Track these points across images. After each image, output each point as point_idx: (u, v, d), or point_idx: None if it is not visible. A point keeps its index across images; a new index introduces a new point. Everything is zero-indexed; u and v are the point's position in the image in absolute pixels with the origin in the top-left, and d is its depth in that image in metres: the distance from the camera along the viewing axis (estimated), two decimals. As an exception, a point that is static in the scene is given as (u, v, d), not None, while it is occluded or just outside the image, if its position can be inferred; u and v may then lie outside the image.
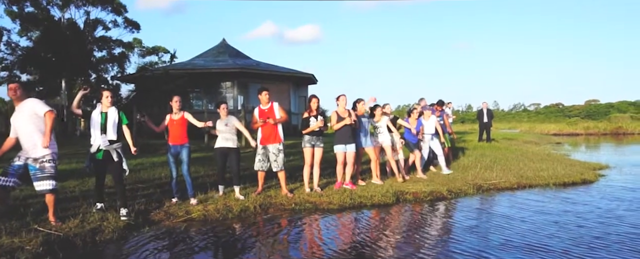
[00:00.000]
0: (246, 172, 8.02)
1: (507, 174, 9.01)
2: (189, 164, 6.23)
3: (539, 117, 57.26)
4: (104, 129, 5.29)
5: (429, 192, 7.28)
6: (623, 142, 24.86)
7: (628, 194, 7.28)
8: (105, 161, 5.31)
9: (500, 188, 8.01)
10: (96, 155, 5.27)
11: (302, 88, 24.78)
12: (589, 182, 8.74)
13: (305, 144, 7.05)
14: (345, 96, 7.33)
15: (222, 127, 6.53)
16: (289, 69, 22.46)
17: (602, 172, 10.11)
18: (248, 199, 6.31)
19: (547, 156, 13.22)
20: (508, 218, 5.79)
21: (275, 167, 6.70)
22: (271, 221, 5.75)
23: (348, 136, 7.31)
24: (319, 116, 7.04)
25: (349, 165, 7.36)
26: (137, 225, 5.16)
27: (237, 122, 6.69)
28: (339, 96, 7.34)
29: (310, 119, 7.02)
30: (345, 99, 7.34)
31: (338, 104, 7.36)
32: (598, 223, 5.36)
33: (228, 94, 20.86)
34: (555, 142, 23.43)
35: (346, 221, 5.80)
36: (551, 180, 8.56)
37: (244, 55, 24.31)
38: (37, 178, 4.63)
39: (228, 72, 20.10)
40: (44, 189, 4.66)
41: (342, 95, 7.33)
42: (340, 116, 7.30)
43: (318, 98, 7.11)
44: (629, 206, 6.31)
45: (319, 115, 7.04)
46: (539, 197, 7.21)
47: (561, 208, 6.33)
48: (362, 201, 6.68)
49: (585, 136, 33.05)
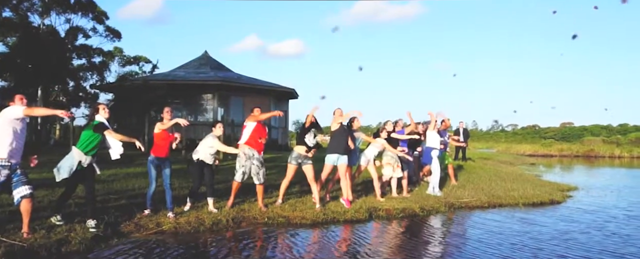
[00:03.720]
0: (220, 186, 8.00)
1: (479, 193, 9.20)
2: (171, 177, 6.25)
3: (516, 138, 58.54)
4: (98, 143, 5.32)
5: (402, 209, 7.38)
6: (594, 164, 25.59)
7: (585, 217, 7.49)
8: (84, 172, 5.26)
9: (472, 207, 8.17)
10: (79, 166, 5.21)
11: (283, 102, 24.86)
12: (556, 203, 8.98)
13: (291, 161, 7.11)
14: (341, 109, 7.40)
15: (213, 143, 6.48)
16: (270, 83, 22.55)
17: (571, 193, 10.40)
18: (221, 213, 6.30)
19: (520, 176, 13.54)
20: (465, 238, 5.94)
21: (258, 180, 6.72)
22: (243, 235, 5.75)
23: (343, 147, 7.30)
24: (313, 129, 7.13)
25: (343, 179, 7.37)
26: (105, 237, 5.09)
27: (220, 145, 6.60)
28: (335, 110, 7.42)
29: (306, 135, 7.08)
30: (341, 112, 7.40)
31: (334, 117, 7.43)
32: (551, 245, 5.49)
33: (208, 106, 20.79)
34: (529, 162, 23.96)
35: (316, 237, 5.84)
36: (521, 200, 8.77)
37: (226, 68, 24.34)
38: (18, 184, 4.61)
39: (209, 84, 20.07)
40: (26, 194, 4.61)
41: (338, 109, 7.41)
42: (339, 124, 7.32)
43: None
44: (584, 229, 6.49)
45: (313, 128, 7.12)
46: (500, 217, 7.36)
47: (519, 228, 6.47)
48: (335, 217, 6.73)
49: (559, 157, 33.91)
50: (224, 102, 20.95)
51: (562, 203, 9.04)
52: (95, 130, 5.25)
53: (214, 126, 6.66)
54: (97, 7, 22.35)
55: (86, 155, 5.22)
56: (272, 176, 9.82)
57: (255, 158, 6.70)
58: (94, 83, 22.94)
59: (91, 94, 23.02)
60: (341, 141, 7.27)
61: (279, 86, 22.57)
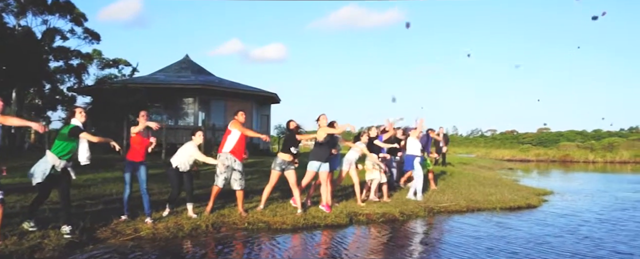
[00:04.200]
0: (200, 191, 7.93)
1: (458, 197, 9.33)
2: (147, 181, 6.15)
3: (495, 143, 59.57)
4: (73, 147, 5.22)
5: (382, 214, 7.44)
6: (569, 169, 26.21)
7: (559, 221, 7.66)
8: (59, 176, 5.16)
9: (451, 211, 8.28)
10: (53, 170, 5.10)
11: (265, 107, 24.81)
12: (532, 207, 9.17)
13: (275, 167, 7.10)
14: (325, 115, 7.42)
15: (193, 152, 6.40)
16: (252, 87, 22.48)
17: (546, 197, 10.63)
18: (200, 218, 6.24)
19: (498, 181, 13.79)
20: (442, 242, 6.01)
21: (238, 186, 6.69)
22: (223, 240, 5.71)
23: (326, 156, 7.34)
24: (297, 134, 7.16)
25: (324, 185, 7.38)
26: (80, 243, 4.99)
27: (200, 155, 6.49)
28: (319, 116, 7.42)
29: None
30: (326, 118, 7.41)
31: (320, 124, 7.43)
32: (526, 249, 5.59)
33: (189, 110, 20.60)
34: (507, 167, 24.40)
35: (296, 242, 5.85)
36: (498, 204, 8.93)
37: (207, 71, 24.17)
38: None
39: (190, 88, 19.90)
40: None
41: (323, 115, 7.42)
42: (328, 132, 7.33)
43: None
44: (557, 233, 6.64)
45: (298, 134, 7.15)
46: (478, 221, 7.48)
47: (495, 233, 6.58)
48: (316, 222, 6.74)
49: (536, 162, 34.62)
50: (205, 106, 20.79)
51: (538, 207, 9.24)
52: (69, 134, 5.15)
53: (193, 134, 6.55)
54: (76, 9, 21.96)
55: (61, 159, 5.12)
56: (253, 181, 9.79)
57: (236, 164, 6.67)
58: (72, 86, 22.52)
59: (68, 97, 22.59)
60: (326, 150, 7.33)
61: (261, 90, 22.51)
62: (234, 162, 6.65)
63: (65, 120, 5.42)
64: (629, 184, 15.61)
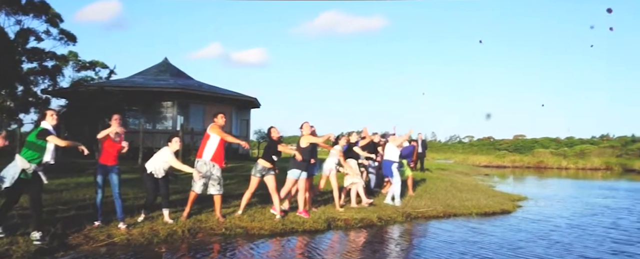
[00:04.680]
0: (177, 196, 7.83)
1: (435, 203, 9.45)
2: (119, 186, 6.03)
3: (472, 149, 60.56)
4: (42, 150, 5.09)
5: (360, 219, 7.48)
6: (543, 175, 26.85)
7: (532, 226, 7.85)
8: (29, 181, 5.02)
9: (428, 217, 8.39)
10: (23, 174, 4.97)
11: (245, 111, 24.67)
12: (507, 212, 9.36)
13: (255, 173, 7.08)
14: (308, 123, 7.45)
15: (169, 159, 6.32)
16: (232, 91, 22.34)
17: (520, 203, 10.87)
18: (177, 223, 6.16)
19: (475, 186, 14.02)
20: (418, 248, 6.10)
21: (216, 191, 6.63)
22: (199, 246, 5.65)
23: (307, 164, 7.35)
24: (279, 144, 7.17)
25: (302, 192, 7.39)
26: (51, 250, 4.87)
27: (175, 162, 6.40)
28: (302, 124, 7.45)
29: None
30: (309, 126, 7.44)
31: (303, 131, 7.44)
32: (499, 254, 5.71)
33: (168, 114, 20.33)
34: (484, 173, 24.83)
35: (273, 247, 5.83)
36: (474, 210, 9.09)
37: (186, 75, 23.92)
38: None
39: (168, 91, 19.65)
40: None
41: (306, 123, 7.45)
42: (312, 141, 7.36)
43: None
44: (530, 238, 6.80)
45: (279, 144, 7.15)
46: (453, 227, 7.60)
47: (470, 238, 6.69)
48: (294, 227, 6.74)
49: (511, 168, 35.36)
50: (184, 110, 20.56)
51: (512, 212, 9.44)
52: (38, 137, 5.03)
53: (170, 140, 6.47)
54: (51, 9, 21.49)
55: (30, 163, 4.99)
56: (231, 186, 9.71)
57: (215, 169, 6.62)
58: (46, 88, 21.96)
59: (42, 100, 22.01)
60: (307, 158, 7.34)
61: (241, 94, 22.41)
62: (213, 168, 6.61)
63: (36, 123, 5.30)
64: (598, 190, 16.09)
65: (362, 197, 8.57)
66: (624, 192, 15.15)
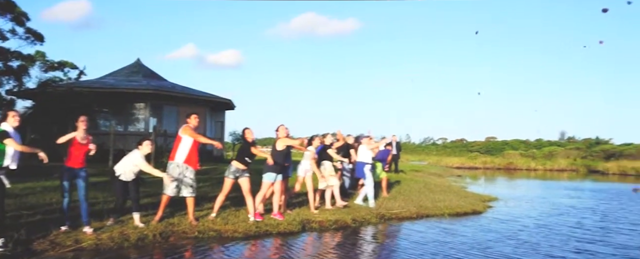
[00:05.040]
0: (149, 199, 7.69)
1: (408, 204, 9.59)
2: (86, 189, 5.87)
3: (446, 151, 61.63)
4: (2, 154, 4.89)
5: (335, 221, 7.52)
6: (513, 176, 27.58)
7: (501, 226, 8.05)
8: None
9: (401, 218, 8.50)
10: None
11: (219, 113, 24.42)
12: (478, 213, 9.59)
13: (228, 175, 7.02)
14: (284, 126, 7.42)
15: (139, 162, 6.19)
16: (206, 93, 22.08)
17: (491, 204, 11.14)
18: (148, 227, 6.05)
19: (448, 187, 14.29)
20: (390, 249, 6.20)
21: (189, 193, 6.53)
22: (171, 250, 5.57)
23: (282, 167, 7.32)
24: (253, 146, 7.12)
25: (277, 194, 7.36)
26: (14, 256, 4.70)
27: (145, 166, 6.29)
28: (278, 127, 7.43)
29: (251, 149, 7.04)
30: (285, 129, 7.42)
31: (278, 134, 7.42)
32: (469, 254, 5.84)
33: (140, 115, 19.92)
34: (457, 174, 25.32)
35: (246, 250, 5.80)
36: (446, 210, 9.26)
37: (159, 76, 23.50)
38: None
39: (141, 93, 19.26)
40: None
41: (282, 126, 7.43)
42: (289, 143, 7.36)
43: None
44: (499, 238, 6.98)
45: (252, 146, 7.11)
46: (425, 228, 7.72)
47: (441, 239, 6.82)
48: (268, 230, 6.72)
49: (483, 169, 36.19)
50: (157, 111, 20.19)
51: (483, 213, 9.67)
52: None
53: (140, 143, 6.33)
54: (17, 7, 20.74)
55: None
56: (205, 188, 9.60)
57: (188, 171, 6.54)
58: (11, 89, 21.17)
59: (6, 101, 21.19)
60: (282, 160, 7.33)
61: (215, 96, 22.17)
62: (186, 170, 6.52)
63: None
64: (565, 190, 16.65)
65: (337, 199, 8.62)
66: (588, 193, 15.72)
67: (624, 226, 8.39)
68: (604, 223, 8.73)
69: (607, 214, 9.92)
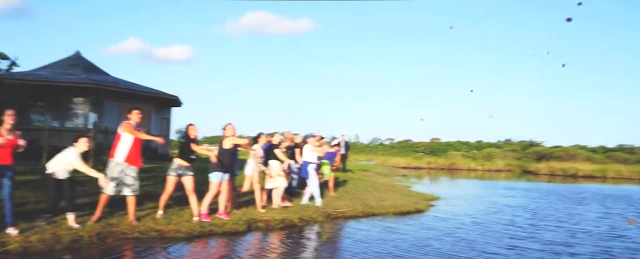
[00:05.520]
0: (86, 199, 7.32)
1: (355, 203, 9.77)
2: (12, 187, 5.48)
3: (392, 151, 63.18)
4: None
5: (281, 220, 7.52)
6: (455, 176, 28.84)
7: (441, 224, 8.41)
8: None
9: (347, 217, 8.65)
10: None
11: (165, 110, 23.64)
12: (421, 211, 9.94)
13: (170, 173, 6.82)
14: (232, 124, 7.31)
15: (73, 161, 5.85)
16: (151, 89, 21.29)
17: (433, 202, 11.59)
18: (83, 228, 5.76)
19: (393, 187, 14.71)
20: (334, 247, 6.33)
21: (130, 192, 6.28)
22: (108, 251, 5.33)
23: (228, 166, 7.21)
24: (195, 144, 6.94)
25: (223, 193, 7.23)
26: None
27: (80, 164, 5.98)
28: (226, 125, 7.31)
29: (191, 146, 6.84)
30: (233, 128, 7.31)
31: (225, 133, 7.29)
32: (410, 252, 6.05)
33: (79, 111, 18.86)
34: (402, 174, 26.09)
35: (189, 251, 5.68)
36: (391, 209, 9.54)
37: (101, 70, 22.37)
38: None
39: (80, 87, 18.24)
40: None
41: (230, 124, 7.32)
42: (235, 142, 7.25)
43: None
44: (439, 236, 7.28)
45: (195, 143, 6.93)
46: (369, 226, 7.91)
47: (384, 237, 7.01)
48: (213, 229, 6.61)
49: (427, 169, 37.59)
50: (98, 107, 19.22)
51: (425, 211, 10.04)
52: None
53: (76, 140, 6.01)
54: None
55: None
56: (148, 187, 9.25)
57: (129, 169, 6.29)
58: None
59: None
60: (228, 159, 7.23)
61: (162, 92, 21.42)
62: (127, 168, 6.27)
63: None
64: (501, 189, 17.65)
65: (277, 200, 8.57)
66: (522, 192, 16.77)
67: (551, 223, 9.03)
68: (534, 220, 9.34)
69: (536, 212, 10.62)
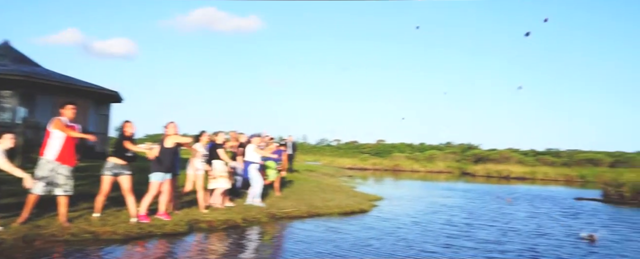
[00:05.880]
0: (12, 199, 6.83)
1: (300, 203, 9.81)
2: None
3: (339, 152, 64.06)
4: None
5: (224, 220, 7.42)
6: (399, 177, 29.74)
7: (383, 224, 8.64)
8: None
9: (292, 217, 8.68)
10: None
11: (104, 106, 22.50)
12: (364, 211, 10.17)
13: (105, 172, 6.52)
14: (175, 123, 7.09)
15: None
16: (89, 83, 20.16)
17: (377, 203, 11.89)
18: (7, 230, 5.37)
19: (338, 187, 14.93)
20: (275, 248, 6.35)
21: (62, 191, 5.92)
22: (35, 255, 5.01)
23: (170, 164, 6.97)
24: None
25: (165, 194, 6.99)
26: None
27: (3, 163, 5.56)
28: (168, 124, 7.07)
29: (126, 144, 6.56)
30: (175, 126, 7.08)
31: (167, 131, 7.05)
32: (351, 252, 6.16)
33: (6, 104, 17.50)
34: (348, 175, 26.53)
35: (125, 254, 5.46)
36: (336, 209, 9.68)
37: (32, 62, 20.89)
38: None
39: (7, 78, 16.91)
40: None
41: (172, 123, 7.09)
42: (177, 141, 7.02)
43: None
44: (379, 235, 7.46)
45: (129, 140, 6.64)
46: (313, 226, 7.98)
47: (327, 237, 7.11)
48: (152, 231, 6.39)
49: (372, 170, 38.47)
50: (29, 101, 17.93)
51: (369, 211, 10.28)
52: None
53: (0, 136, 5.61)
54: None
55: None
56: (83, 187, 8.76)
57: (61, 168, 5.94)
58: None
59: None
60: (171, 159, 7.02)
61: (100, 87, 20.38)
62: (58, 167, 5.92)
63: None
64: (441, 190, 18.43)
65: (218, 201, 8.43)
66: (460, 192, 17.60)
67: (485, 222, 9.55)
68: (469, 219, 9.84)
69: (472, 212, 11.20)
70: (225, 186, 8.28)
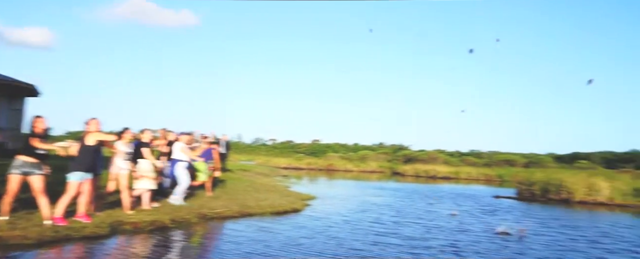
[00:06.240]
0: None
1: (232, 203, 9.66)
2: None
3: (274, 152, 63.84)
4: None
5: (151, 222, 7.13)
6: (333, 176, 30.23)
7: (314, 223, 8.75)
8: None
9: (224, 217, 8.52)
10: None
11: (18, 100, 20.66)
12: (297, 211, 10.23)
13: (13, 170, 6.00)
14: (97, 120, 6.67)
15: None
16: (2, 75, 18.46)
17: (310, 202, 12.01)
18: None
19: (273, 187, 14.87)
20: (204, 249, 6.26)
21: None
22: None
23: (91, 163, 6.56)
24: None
25: (85, 194, 6.54)
26: None
27: None
28: (89, 120, 6.66)
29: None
30: (97, 123, 6.66)
31: (89, 128, 6.61)
32: (281, 251, 6.20)
33: None
34: (283, 174, 26.51)
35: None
36: (269, 209, 9.65)
37: None
38: None
39: None
40: None
41: (94, 119, 6.67)
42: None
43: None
44: (311, 234, 7.57)
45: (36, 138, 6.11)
46: (244, 226, 7.92)
47: (257, 237, 7.09)
48: (69, 234, 5.98)
49: (307, 170, 38.77)
50: None
51: (301, 211, 10.36)
52: None
53: None
54: None
55: None
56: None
57: None
58: None
59: None
60: (92, 158, 6.63)
61: (13, 79, 18.68)
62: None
63: None
64: (372, 189, 19.00)
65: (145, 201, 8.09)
66: (390, 191, 18.26)
67: (412, 220, 9.99)
68: (397, 218, 10.25)
69: (400, 210, 11.67)
70: (150, 187, 7.94)
